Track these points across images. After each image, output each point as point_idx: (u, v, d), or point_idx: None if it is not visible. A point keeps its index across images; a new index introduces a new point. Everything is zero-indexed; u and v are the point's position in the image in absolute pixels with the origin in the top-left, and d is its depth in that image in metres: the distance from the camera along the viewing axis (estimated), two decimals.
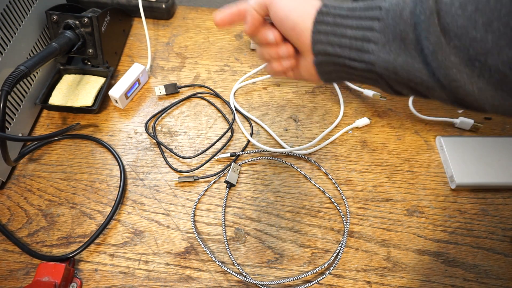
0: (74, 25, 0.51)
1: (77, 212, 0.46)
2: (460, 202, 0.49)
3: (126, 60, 0.61)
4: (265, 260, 0.44)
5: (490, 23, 0.21)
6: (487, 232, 0.46)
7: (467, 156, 0.50)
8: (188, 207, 0.47)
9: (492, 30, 0.21)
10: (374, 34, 0.26)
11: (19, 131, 0.50)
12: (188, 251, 0.44)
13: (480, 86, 0.23)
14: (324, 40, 0.29)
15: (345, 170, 0.51)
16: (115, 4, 0.64)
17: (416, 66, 0.25)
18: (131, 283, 0.42)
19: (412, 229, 0.46)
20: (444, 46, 0.23)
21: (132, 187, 0.48)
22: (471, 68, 0.23)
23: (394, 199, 0.49)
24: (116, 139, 0.52)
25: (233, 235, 0.45)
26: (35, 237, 0.44)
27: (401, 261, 0.44)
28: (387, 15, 0.26)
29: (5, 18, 0.46)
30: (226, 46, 0.64)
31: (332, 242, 0.45)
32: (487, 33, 0.21)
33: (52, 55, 0.47)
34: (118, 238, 0.44)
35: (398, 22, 0.25)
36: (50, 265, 0.39)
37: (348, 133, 0.54)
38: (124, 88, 0.54)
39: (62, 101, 0.53)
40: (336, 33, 0.28)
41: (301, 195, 0.48)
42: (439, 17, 0.23)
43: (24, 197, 0.47)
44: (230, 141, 0.53)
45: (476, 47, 0.22)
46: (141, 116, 0.55)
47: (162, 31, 0.66)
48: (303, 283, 0.42)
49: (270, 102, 0.57)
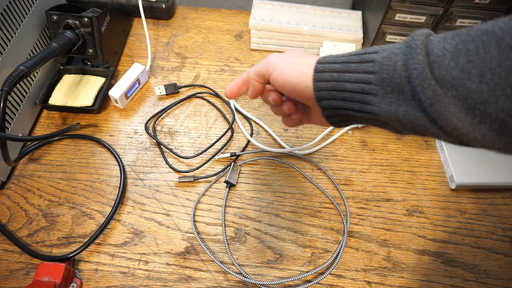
0: (74, 25, 0.51)
1: (77, 212, 0.46)
2: (460, 202, 0.49)
3: (126, 60, 0.61)
4: (265, 260, 0.44)
5: (483, 74, 0.22)
6: (487, 232, 0.46)
7: (467, 156, 0.50)
8: (188, 207, 0.47)
9: (486, 81, 0.22)
10: (372, 86, 0.27)
11: (19, 131, 0.50)
12: (188, 251, 0.44)
13: (483, 133, 0.23)
14: (327, 96, 0.30)
15: (345, 170, 0.51)
16: (115, 4, 0.64)
17: (417, 115, 0.25)
18: (131, 283, 0.42)
19: (412, 229, 0.46)
20: (441, 97, 0.23)
21: (132, 187, 0.48)
22: (472, 116, 0.23)
23: (394, 199, 0.49)
24: (116, 139, 0.52)
25: (233, 235, 0.45)
26: (35, 237, 0.44)
27: (401, 261, 0.44)
28: (381, 69, 0.26)
29: (5, 18, 0.46)
30: (226, 46, 0.64)
31: (332, 242, 0.45)
32: (482, 83, 0.22)
33: (52, 55, 0.47)
34: (118, 238, 0.44)
35: (393, 76, 0.25)
36: (50, 265, 0.39)
37: (348, 133, 0.54)
38: (124, 88, 0.54)
39: (62, 101, 0.53)
40: (337, 88, 0.29)
41: (301, 195, 0.48)
42: (433, 70, 0.24)
43: (24, 197, 0.47)
44: (230, 141, 0.53)
45: (473, 97, 0.22)
46: (141, 116, 0.55)
47: (162, 31, 0.66)
48: (303, 283, 0.42)
49: None
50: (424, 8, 0.52)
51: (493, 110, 0.22)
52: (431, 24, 0.54)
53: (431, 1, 0.51)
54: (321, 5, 0.67)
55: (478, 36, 0.22)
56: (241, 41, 0.65)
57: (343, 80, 0.29)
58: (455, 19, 0.53)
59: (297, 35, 0.61)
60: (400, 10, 0.52)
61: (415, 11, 0.52)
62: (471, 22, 0.53)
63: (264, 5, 0.63)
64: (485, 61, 0.22)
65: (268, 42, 0.63)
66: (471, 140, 0.24)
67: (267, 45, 0.63)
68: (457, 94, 0.23)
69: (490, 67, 0.21)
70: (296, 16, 0.62)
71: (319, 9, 0.63)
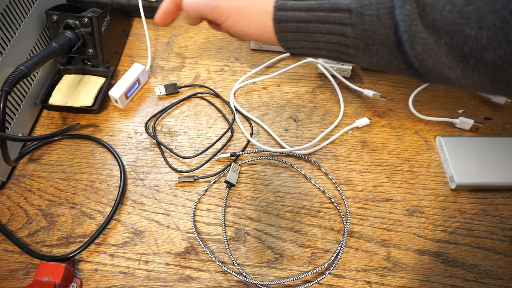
0: (74, 25, 0.51)
1: (77, 212, 0.46)
2: (460, 202, 0.49)
3: (126, 60, 0.61)
4: (265, 260, 0.44)
5: (484, 18, 0.19)
6: (487, 232, 0.46)
7: (467, 156, 0.50)
8: (188, 207, 0.47)
9: (487, 26, 0.19)
10: (350, 40, 0.24)
11: (19, 131, 0.50)
12: (188, 251, 0.44)
13: (475, 80, 0.21)
14: (297, 46, 0.27)
15: (345, 170, 0.51)
16: (115, 4, 0.64)
17: (401, 67, 0.23)
18: (131, 283, 0.42)
19: (412, 229, 0.46)
20: (433, 49, 0.21)
21: (132, 187, 0.48)
22: (465, 64, 0.21)
23: (394, 199, 0.49)
24: (116, 139, 0.52)
25: (233, 235, 0.45)
26: (35, 237, 0.44)
27: (401, 261, 0.44)
28: (361, 20, 0.23)
29: (5, 18, 0.46)
30: (226, 46, 0.64)
31: (332, 242, 0.45)
32: (482, 29, 0.19)
33: (52, 55, 0.47)
34: (118, 238, 0.44)
35: (377, 27, 0.22)
36: (50, 265, 0.39)
37: (348, 133, 0.54)
38: (124, 88, 0.54)
39: (62, 101, 0.53)
40: (306, 39, 0.26)
41: (301, 195, 0.48)
42: (424, 15, 0.21)
43: (24, 197, 0.47)
44: (230, 141, 0.53)
45: (470, 44, 0.20)
46: (141, 116, 0.55)
47: (162, 31, 0.66)
48: (303, 283, 0.42)
49: (270, 102, 0.57)
50: None
51: (491, 57, 0.20)
52: None
53: None
54: None
55: None
56: (241, 41, 0.65)
57: (312, 32, 0.25)
58: None
59: None
60: None
61: None
62: None
63: None
64: (488, 2, 0.19)
65: None
66: (460, 87, 0.23)
67: (267, 45, 0.63)
68: (451, 41, 0.20)
69: (494, 9, 0.19)
70: None
71: None
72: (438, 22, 0.21)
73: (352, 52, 0.24)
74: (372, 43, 0.23)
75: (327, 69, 0.59)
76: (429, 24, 0.21)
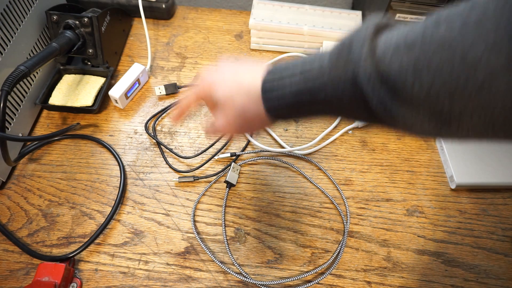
0: (74, 25, 0.51)
1: (77, 212, 0.46)
2: (460, 202, 0.49)
3: (126, 60, 0.61)
4: (265, 260, 0.44)
5: (453, 92, 0.20)
6: (487, 232, 0.46)
7: (467, 156, 0.50)
8: (188, 207, 0.47)
9: (458, 98, 0.20)
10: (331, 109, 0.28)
11: (19, 131, 0.50)
12: (188, 251, 0.44)
13: (462, 137, 0.22)
14: (288, 117, 0.30)
15: (345, 170, 0.51)
16: (115, 4, 0.64)
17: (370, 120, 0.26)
18: (131, 283, 0.42)
19: (412, 229, 0.46)
20: (409, 117, 0.22)
21: (132, 187, 0.48)
22: (441, 125, 0.22)
23: (394, 199, 0.49)
24: (116, 139, 0.52)
25: (233, 235, 0.45)
26: (35, 237, 0.44)
27: (401, 261, 0.44)
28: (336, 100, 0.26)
29: (5, 18, 0.46)
30: (226, 46, 0.64)
31: (332, 242, 0.45)
32: (454, 102, 0.20)
33: (52, 55, 0.47)
34: (118, 238, 0.44)
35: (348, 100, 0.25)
36: (50, 265, 0.39)
37: (348, 133, 0.54)
38: (124, 88, 0.54)
39: (62, 101, 0.53)
40: (295, 114, 0.29)
41: (301, 195, 0.48)
42: (396, 93, 0.22)
43: (24, 197, 0.47)
44: (230, 141, 0.53)
45: (446, 115, 0.21)
46: (141, 116, 0.55)
47: (162, 31, 0.66)
48: (303, 283, 0.42)
49: None
50: (424, 8, 0.52)
51: (469, 122, 0.20)
52: None
53: (431, 1, 0.51)
54: (321, 5, 0.67)
55: (438, 50, 0.20)
56: (241, 41, 0.65)
57: (301, 112, 0.29)
58: None
59: (297, 35, 0.61)
60: (400, 10, 0.52)
61: (415, 11, 0.52)
62: None
63: (264, 5, 0.63)
64: (451, 79, 0.20)
65: (268, 42, 0.63)
66: (417, 134, 0.24)
67: (267, 45, 0.63)
68: (429, 113, 0.21)
69: (457, 85, 0.20)
70: (296, 16, 0.62)
71: (319, 9, 0.63)
72: (412, 99, 0.22)
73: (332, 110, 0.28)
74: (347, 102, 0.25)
75: None
76: (402, 99, 0.22)
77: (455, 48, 0.19)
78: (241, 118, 0.31)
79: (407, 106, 0.22)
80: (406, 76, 0.21)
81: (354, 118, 0.27)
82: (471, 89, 0.19)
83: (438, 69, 0.20)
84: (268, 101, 0.29)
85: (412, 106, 0.22)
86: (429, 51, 0.20)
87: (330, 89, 0.26)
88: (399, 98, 0.22)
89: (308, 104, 0.27)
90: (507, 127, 0.20)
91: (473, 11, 0.19)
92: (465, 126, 0.21)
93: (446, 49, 0.20)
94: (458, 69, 0.19)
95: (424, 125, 0.22)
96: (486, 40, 0.18)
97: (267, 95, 0.29)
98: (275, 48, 0.63)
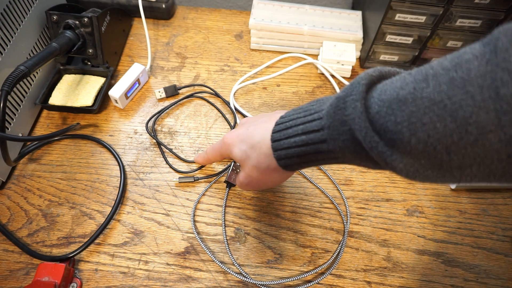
0: (74, 25, 0.51)
1: (77, 212, 0.46)
2: (460, 202, 0.49)
3: (126, 60, 0.61)
4: (265, 260, 0.44)
5: (448, 147, 0.21)
6: (487, 232, 0.46)
7: None
8: (188, 207, 0.47)
9: (454, 152, 0.21)
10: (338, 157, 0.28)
11: (19, 131, 0.50)
12: (188, 251, 0.44)
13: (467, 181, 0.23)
14: (298, 167, 0.32)
15: (345, 170, 0.51)
16: (115, 4, 0.64)
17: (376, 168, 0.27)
18: (131, 283, 0.42)
19: (412, 229, 0.46)
20: (410, 166, 0.23)
21: (132, 187, 0.48)
22: (443, 174, 0.22)
23: (394, 199, 0.49)
24: (116, 139, 0.52)
25: (233, 235, 0.45)
26: (35, 237, 0.44)
27: (401, 261, 0.44)
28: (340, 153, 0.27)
29: (5, 18, 0.46)
30: (226, 46, 0.64)
31: (332, 242, 0.45)
32: (450, 154, 0.21)
33: (52, 55, 0.47)
34: (118, 238, 0.44)
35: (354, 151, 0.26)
36: (50, 265, 0.39)
37: None
38: (124, 88, 0.54)
39: (62, 101, 0.53)
40: (304, 163, 0.31)
41: (301, 195, 0.48)
42: (395, 146, 0.23)
43: (24, 197, 0.47)
44: None
45: (447, 165, 0.22)
46: (141, 116, 0.55)
47: (162, 31, 0.66)
48: (303, 283, 0.42)
49: (270, 102, 0.57)
50: (424, 8, 0.52)
51: (470, 172, 0.21)
52: (431, 24, 0.54)
53: (431, 1, 0.51)
54: (321, 5, 0.67)
55: (429, 108, 0.21)
56: (241, 41, 0.65)
57: (312, 161, 0.30)
58: (455, 19, 0.53)
59: (297, 35, 0.61)
60: (400, 10, 0.52)
61: (415, 11, 0.52)
62: (471, 22, 0.53)
63: (264, 5, 0.63)
64: (445, 135, 0.21)
65: (268, 42, 0.63)
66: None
67: (267, 45, 0.63)
68: (430, 163, 0.22)
69: (453, 141, 0.20)
70: (296, 16, 0.62)
71: (319, 9, 0.63)
72: (411, 152, 0.22)
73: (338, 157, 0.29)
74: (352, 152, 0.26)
75: (327, 69, 0.59)
76: (402, 152, 0.23)
77: (444, 107, 0.20)
78: (258, 171, 0.34)
79: (408, 157, 0.23)
80: (402, 132, 0.22)
81: (363, 166, 0.28)
82: (465, 144, 0.20)
83: (431, 126, 0.21)
84: (276, 151, 0.31)
85: (413, 157, 0.23)
86: (421, 109, 0.21)
87: (331, 143, 0.27)
88: (399, 151, 0.23)
89: (314, 153, 0.29)
90: (508, 176, 0.20)
91: (459, 70, 0.20)
92: (468, 175, 0.22)
93: (436, 107, 0.21)
94: (450, 126, 0.20)
95: (427, 172, 0.23)
96: (474, 99, 0.19)
97: (275, 146, 0.31)
98: (275, 48, 0.63)
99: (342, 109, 0.25)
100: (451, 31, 0.54)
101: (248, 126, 0.35)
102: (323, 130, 0.27)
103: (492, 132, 0.19)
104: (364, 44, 0.61)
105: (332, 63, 0.59)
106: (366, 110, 0.24)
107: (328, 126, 0.27)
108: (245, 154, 0.34)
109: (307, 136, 0.29)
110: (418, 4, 0.51)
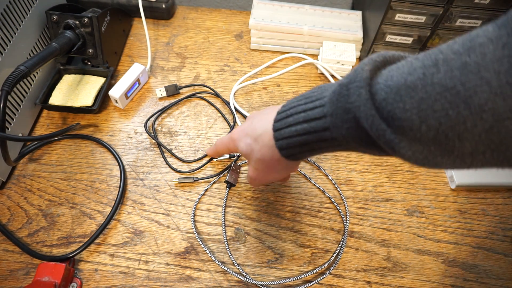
0: (74, 25, 0.51)
1: (77, 212, 0.46)
2: (460, 202, 0.49)
3: (126, 60, 0.61)
4: (265, 260, 0.44)
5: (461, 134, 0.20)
6: (487, 232, 0.46)
7: None
8: (188, 207, 0.47)
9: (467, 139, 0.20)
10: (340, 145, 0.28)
11: (19, 131, 0.50)
12: (188, 251, 0.44)
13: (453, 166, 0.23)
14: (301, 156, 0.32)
15: (345, 170, 0.51)
16: (115, 4, 0.64)
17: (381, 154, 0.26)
18: (131, 283, 0.42)
19: (412, 229, 0.46)
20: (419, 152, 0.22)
21: (132, 187, 0.48)
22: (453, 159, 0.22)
23: (394, 199, 0.49)
24: (116, 139, 0.52)
25: (233, 235, 0.45)
26: (35, 237, 0.44)
27: (401, 261, 0.44)
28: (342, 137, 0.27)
29: (5, 18, 0.46)
30: (226, 46, 0.64)
31: (332, 242, 0.45)
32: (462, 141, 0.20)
33: (52, 55, 0.47)
34: (118, 238, 0.44)
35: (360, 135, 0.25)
36: (50, 265, 0.39)
37: None
38: (124, 88, 0.54)
39: (62, 101, 0.53)
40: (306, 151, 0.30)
41: (301, 195, 0.48)
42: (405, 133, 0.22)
43: (24, 197, 0.47)
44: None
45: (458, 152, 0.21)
46: (141, 116, 0.55)
47: (162, 31, 0.66)
48: (303, 283, 0.42)
49: (270, 102, 0.57)
50: (424, 8, 0.52)
51: (483, 158, 0.21)
52: (431, 24, 0.54)
53: (431, 1, 0.51)
54: (321, 5, 0.67)
55: (440, 94, 0.20)
56: (241, 41, 0.65)
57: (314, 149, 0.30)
58: (455, 19, 0.53)
59: (297, 35, 0.61)
60: (400, 10, 0.52)
61: (415, 11, 0.52)
62: (471, 22, 0.53)
63: (264, 5, 0.63)
64: (458, 123, 0.20)
65: (268, 42, 0.63)
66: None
67: (267, 45, 0.63)
68: (440, 150, 0.21)
69: (466, 128, 0.20)
70: (296, 16, 0.62)
71: (319, 9, 0.63)
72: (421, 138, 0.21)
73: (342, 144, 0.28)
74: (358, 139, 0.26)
75: (327, 69, 0.59)
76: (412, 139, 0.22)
77: (457, 94, 0.19)
78: (263, 164, 0.34)
79: (417, 144, 0.22)
80: (412, 119, 0.21)
81: (367, 153, 0.27)
82: (480, 131, 0.19)
83: (443, 113, 0.20)
84: (278, 140, 0.31)
85: (422, 144, 0.22)
86: (432, 95, 0.20)
87: (335, 130, 0.26)
88: (407, 138, 0.22)
89: (317, 141, 0.28)
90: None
91: (472, 54, 0.19)
92: (480, 161, 0.21)
93: (449, 94, 0.20)
94: (464, 113, 0.19)
95: (437, 159, 0.22)
96: (489, 85, 0.18)
97: (276, 135, 0.31)
98: (275, 48, 0.63)
99: (346, 96, 0.24)
100: (451, 31, 0.55)
101: (253, 120, 0.35)
102: (325, 118, 0.27)
103: (509, 119, 0.18)
104: (364, 44, 0.61)
105: (332, 63, 0.59)
106: (372, 97, 0.23)
107: (331, 113, 0.26)
108: (249, 147, 0.34)
109: (308, 124, 0.28)
110: (418, 4, 0.51)
